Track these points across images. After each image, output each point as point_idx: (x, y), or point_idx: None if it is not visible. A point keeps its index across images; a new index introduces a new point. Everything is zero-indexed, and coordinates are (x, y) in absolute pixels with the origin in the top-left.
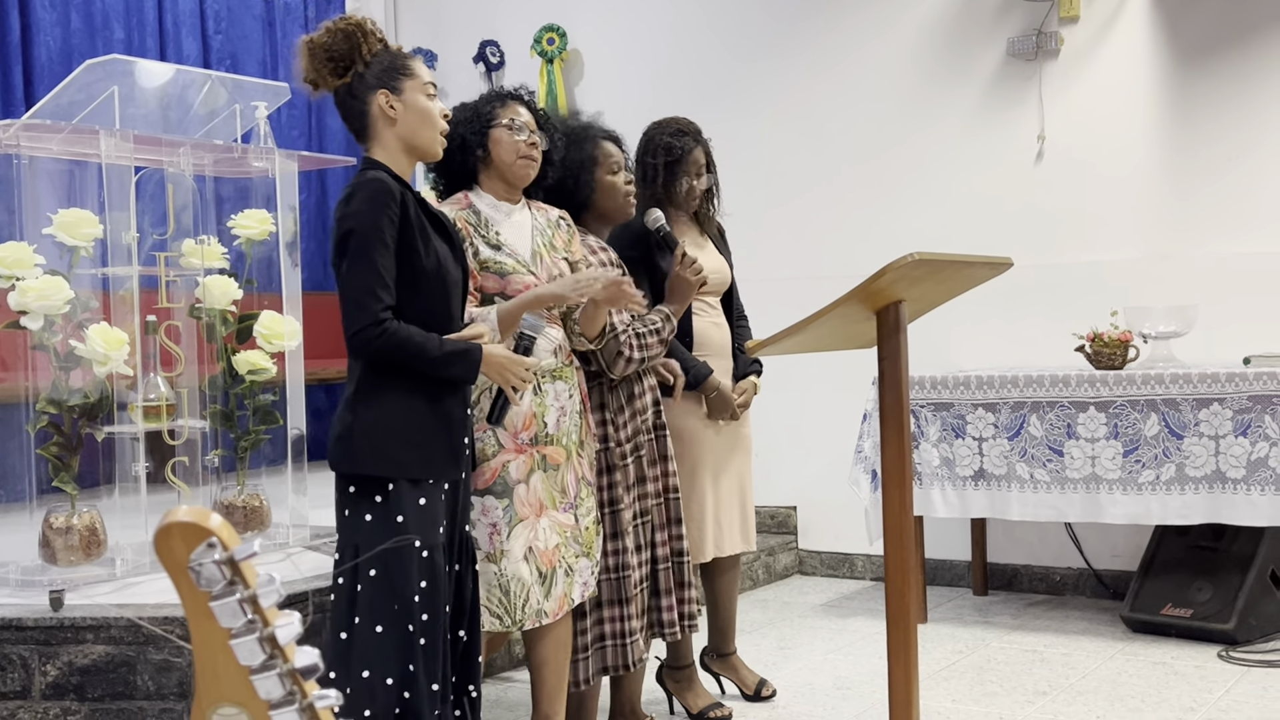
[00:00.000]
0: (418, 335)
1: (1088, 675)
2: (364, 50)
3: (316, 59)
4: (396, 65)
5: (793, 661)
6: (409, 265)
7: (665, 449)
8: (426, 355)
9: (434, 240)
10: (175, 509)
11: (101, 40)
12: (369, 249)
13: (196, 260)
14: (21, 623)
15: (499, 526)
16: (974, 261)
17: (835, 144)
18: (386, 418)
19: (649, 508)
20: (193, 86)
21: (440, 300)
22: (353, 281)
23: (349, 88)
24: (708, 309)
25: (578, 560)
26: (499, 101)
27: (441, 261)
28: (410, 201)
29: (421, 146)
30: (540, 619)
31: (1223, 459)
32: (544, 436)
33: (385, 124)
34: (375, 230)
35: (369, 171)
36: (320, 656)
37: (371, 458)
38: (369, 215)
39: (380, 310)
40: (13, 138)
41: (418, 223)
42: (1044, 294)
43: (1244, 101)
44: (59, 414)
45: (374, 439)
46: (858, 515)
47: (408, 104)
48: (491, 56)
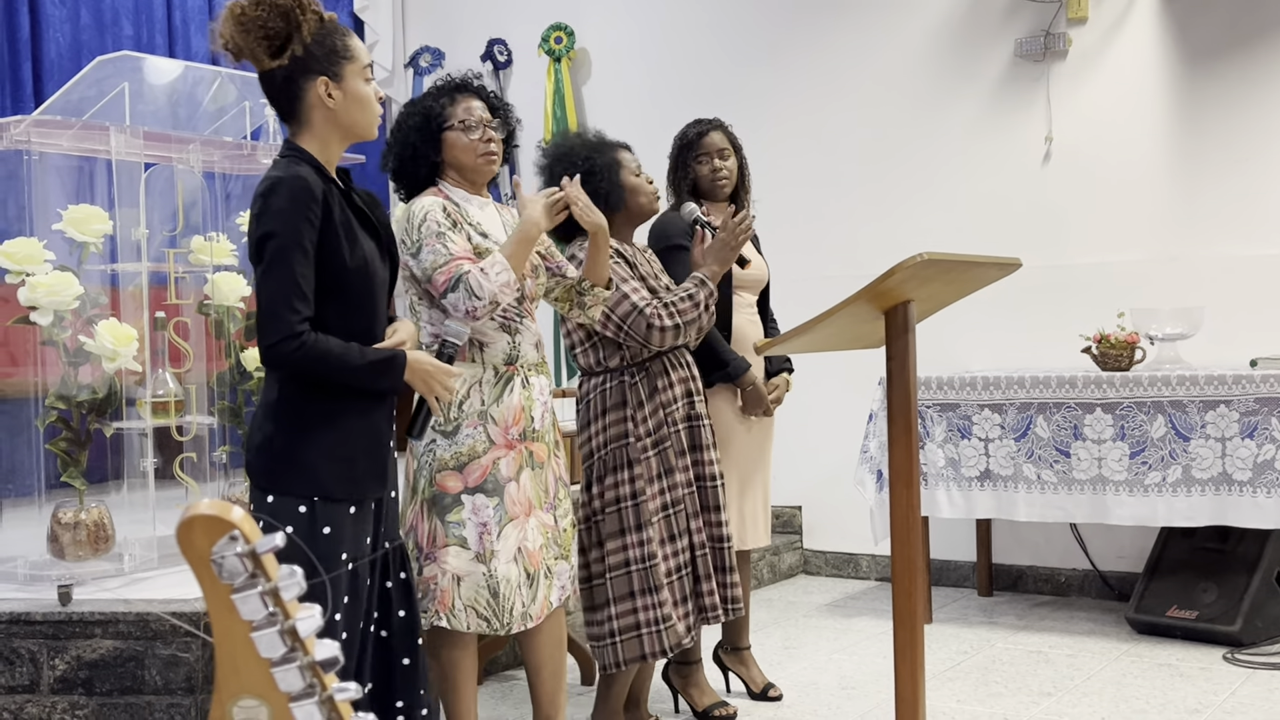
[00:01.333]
0: (337, 347)
1: (1093, 676)
2: (303, 30)
3: (249, 34)
4: (336, 48)
5: (798, 661)
6: (331, 267)
7: (700, 439)
8: (348, 367)
9: (360, 239)
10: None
11: (111, 37)
12: (286, 256)
13: (205, 257)
14: (30, 617)
15: (489, 526)
16: (983, 262)
17: (843, 144)
18: (310, 434)
19: (680, 497)
20: (202, 83)
21: (366, 302)
22: (269, 292)
23: (285, 71)
24: (745, 306)
25: (557, 563)
26: (447, 98)
27: (368, 260)
28: (334, 198)
29: (359, 133)
30: (526, 622)
31: (1229, 461)
32: (531, 432)
33: (322, 113)
34: (294, 235)
35: (290, 163)
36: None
37: (293, 476)
38: (288, 218)
39: (297, 322)
40: (23, 134)
41: (342, 220)
42: (1051, 295)
43: (1252, 104)
44: (68, 409)
45: (297, 455)
46: (863, 515)
47: (347, 92)
48: (499, 55)
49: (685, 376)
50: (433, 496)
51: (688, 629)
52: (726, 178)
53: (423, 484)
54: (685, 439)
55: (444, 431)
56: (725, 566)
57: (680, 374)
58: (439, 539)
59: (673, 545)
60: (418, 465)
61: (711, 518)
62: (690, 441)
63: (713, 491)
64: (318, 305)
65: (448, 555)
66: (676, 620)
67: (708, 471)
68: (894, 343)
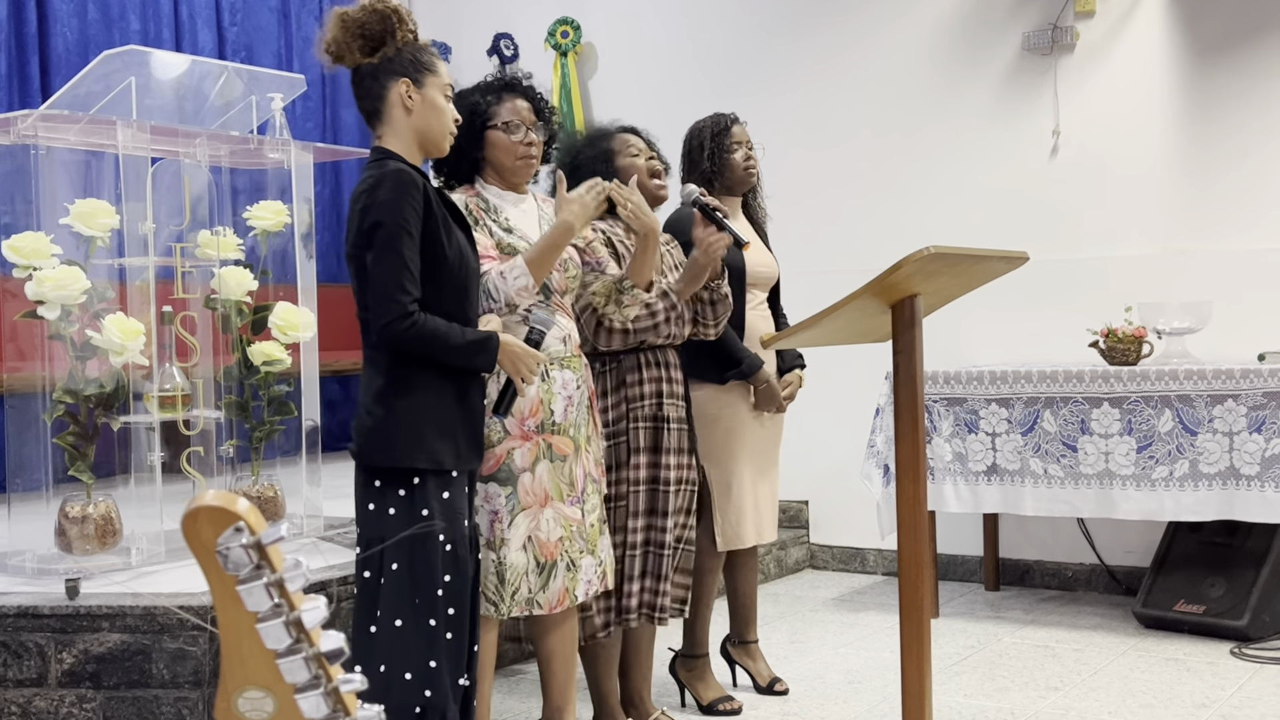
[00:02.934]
0: (443, 326)
1: (1100, 671)
2: (397, 35)
3: (349, 31)
4: (422, 59)
5: (804, 655)
6: (432, 256)
7: (664, 441)
8: (451, 345)
9: (455, 231)
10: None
11: (118, 31)
12: (396, 241)
13: (212, 251)
14: (38, 611)
15: (500, 514)
16: (990, 255)
17: (849, 138)
18: (421, 409)
19: (623, 494)
20: (209, 78)
21: (461, 290)
22: (381, 275)
23: (373, 68)
24: (756, 301)
25: (582, 557)
26: (495, 97)
27: (463, 250)
28: (431, 192)
29: (431, 143)
30: (532, 609)
31: (1237, 455)
32: (550, 425)
33: (401, 113)
34: (402, 222)
35: (389, 162)
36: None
37: (408, 450)
38: (395, 207)
39: (409, 303)
40: (30, 128)
41: (440, 213)
42: (1058, 289)
43: (1260, 97)
44: (75, 404)
45: (409, 431)
46: (870, 510)
47: (426, 99)
48: (505, 49)
49: (659, 376)
50: None
51: (605, 624)
52: (755, 168)
53: None
54: (646, 438)
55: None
56: (659, 573)
57: (654, 372)
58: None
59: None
60: None
61: (656, 521)
62: (652, 442)
63: (664, 496)
64: (422, 295)
65: None
66: (594, 613)
67: (663, 475)
68: (901, 337)
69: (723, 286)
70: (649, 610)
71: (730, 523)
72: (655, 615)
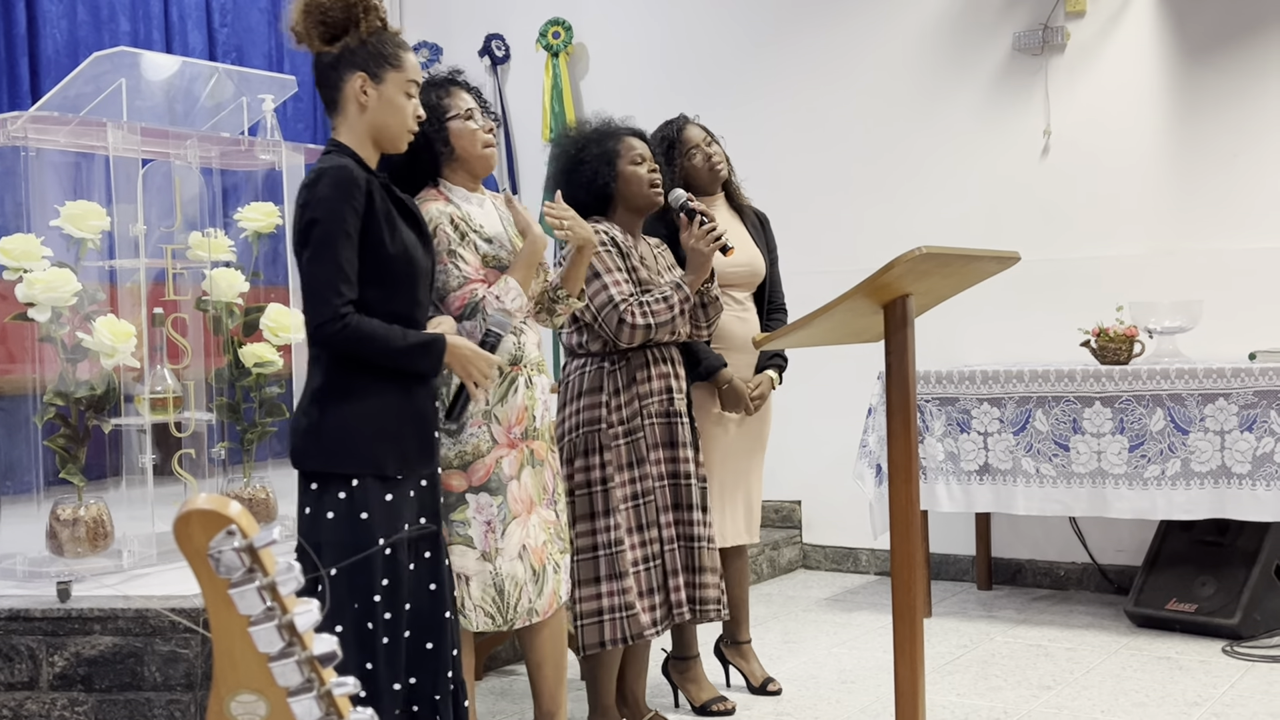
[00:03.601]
0: (380, 328)
1: (1092, 670)
2: (361, 26)
3: (310, 16)
4: (385, 53)
5: (797, 655)
6: (374, 255)
7: (677, 436)
8: (390, 348)
9: (401, 228)
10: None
11: (108, 33)
12: (331, 240)
13: (203, 253)
14: (29, 614)
15: (494, 524)
16: (981, 255)
17: (841, 138)
18: (358, 412)
19: (650, 489)
20: (199, 79)
21: (407, 288)
22: (314, 275)
23: (332, 58)
24: (733, 302)
25: (562, 556)
26: (443, 91)
27: (409, 249)
28: (376, 188)
29: (386, 141)
30: (531, 617)
31: (1228, 454)
32: (532, 431)
33: (356, 108)
34: (338, 220)
35: (334, 156)
36: None
37: (343, 454)
38: (332, 204)
39: (341, 305)
40: (20, 130)
41: (384, 210)
42: (1049, 289)
43: (1250, 97)
44: (66, 406)
45: (345, 434)
46: (862, 510)
47: (383, 95)
48: (497, 50)
49: (667, 372)
50: None
51: (653, 621)
52: (721, 163)
53: None
54: (661, 433)
55: (448, 431)
56: (697, 566)
57: (662, 369)
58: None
59: (640, 535)
60: None
61: (684, 515)
62: (666, 437)
63: (687, 490)
64: (361, 290)
65: (454, 555)
66: (640, 610)
67: (683, 469)
68: (893, 336)
69: (714, 289)
70: (700, 605)
71: None
72: (699, 609)
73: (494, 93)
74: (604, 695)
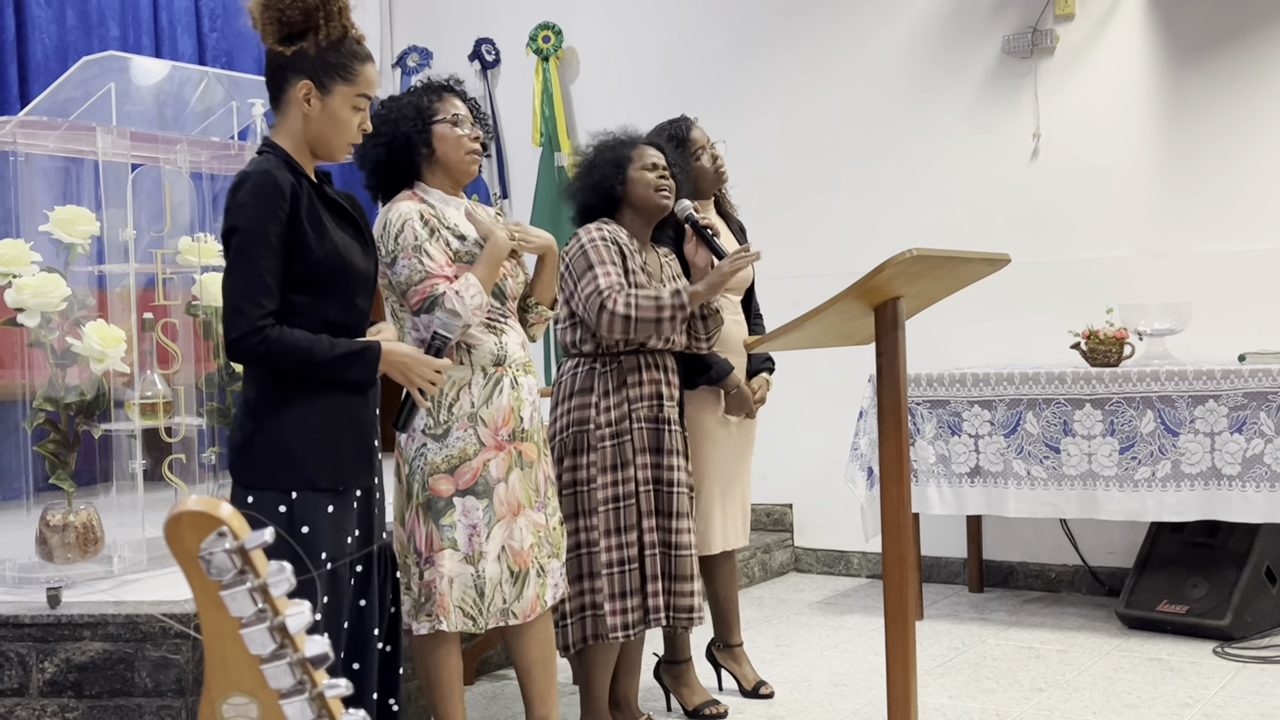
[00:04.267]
0: (303, 339)
1: (1084, 671)
2: (320, 34)
3: (268, 10)
4: (338, 64)
5: (789, 658)
6: (301, 260)
7: (665, 443)
8: (316, 359)
9: (332, 230)
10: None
11: (97, 38)
12: (250, 249)
13: (193, 257)
14: (19, 620)
15: (479, 528)
16: (972, 257)
17: (831, 142)
18: (292, 425)
19: (632, 492)
20: (189, 83)
21: (339, 293)
22: (232, 286)
23: (282, 58)
24: (728, 306)
25: (550, 561)
26: (435, 95)
27: (342, 251)
28: (304, 192)
29: (322, 153)
30: (507, 619)
31: (1218, 455)
32: (520, 432)
33: (297, 114)
34: (258, 228)
35: (263, 159)
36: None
37: (277, 468)
38: (252, 212)
39: (259, 317)
40: (9, 135)
41: (310, 214)
42: (1039, 291)
43: (1239, 99)
44: (56, 411)
45: (280, 447)
46: (854, 512)
47: (326, 108)
48: (487, 54)
49: (659, 379)
50: (427, 500)
51: (625, 625)
52: (724, 167)
53: (416, 488)
54: (649, 439)
55: (434, 435)
56: (676, 574)
57: (654, 374)
58: (435, 543)
59: (618, 537)
60: (409, 469)
61: (666, 522)
62: (653, 443)
63: (669, 497)
64: (291, 298)
65: (443, 559)
66: (608, 612)
67: (667, 476)
68: (884, 339)
69: (714, 302)
70: (679, 612)
71: (698, 530)
72: (674, 616)
73: (484, 97)
74: (596, 699)
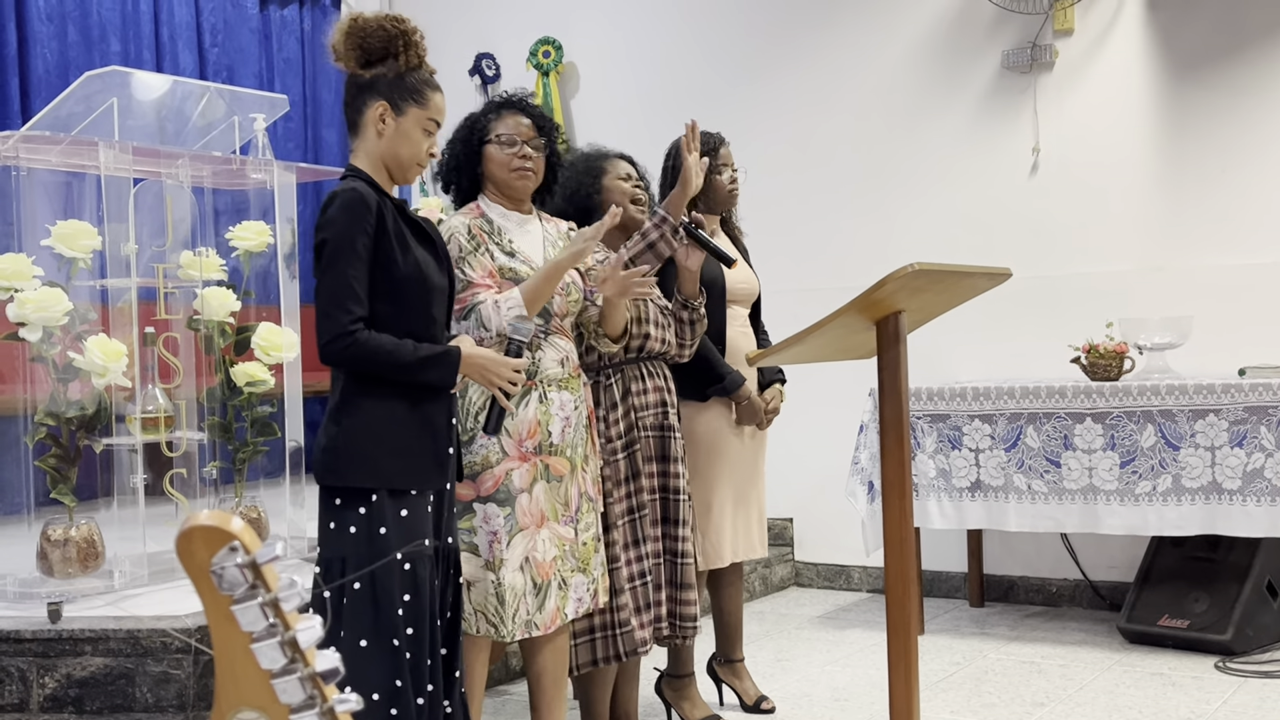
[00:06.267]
0: (389, 343)
1: (1085, 686)
2: (399, 59)
3: (351, 39)
4: (413, 88)
5: (790, 673)
6: (387, 274)
7: (669, 450)
8: (400, 361)
9: (414, 248)
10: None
11: (98, 53)
12: (340, 260)
13: (195, 272)
14: (19, 635)
15: (499, 535)
16: (973, 272)
17: (830, 157)
18: (369, 427)
19: (644, 503)
20: (191, 98)
21: (421, 307)
22: (324, 293)
23: (363, 81)
24: (737, 318)
25: (573, 575)
26: (494, 114)
27: (422, 267)
28: (388, 209)
29: (396, 170)
30: (530, 630)
31: (1219, 470)
32: (548, 446)
33: (373, 134)
34: (348, 240)
35: (348, 180)
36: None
37: (355, 469)
38: (342, 226)
39: (349, 321)
40: (11, 150)
41: (395, 231)
42: (1039, 306)
43: (1238, 113)
44: (57, 426)
45: (357, 449)
46: (854, 527)
47: (400, 128)
48: (487, 69)
49: (660, 386)
50: None
51: (644, 639)
52: (738, 190)
53: None
54: (655, 447)
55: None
56: (680, 582)
57: (655, 382)
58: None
59: (635, 550)
60: None
61: (671, 530)
62: (659, 451)
63: (674, 504)
64: (375, 308)
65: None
66: (635, 627)
67: (672, 484)
68: (885, 353)
69: (701, 307)
70: (680, 621)
71: (710, 541)
72: (678, 625)
73: None
74: (597, 715)
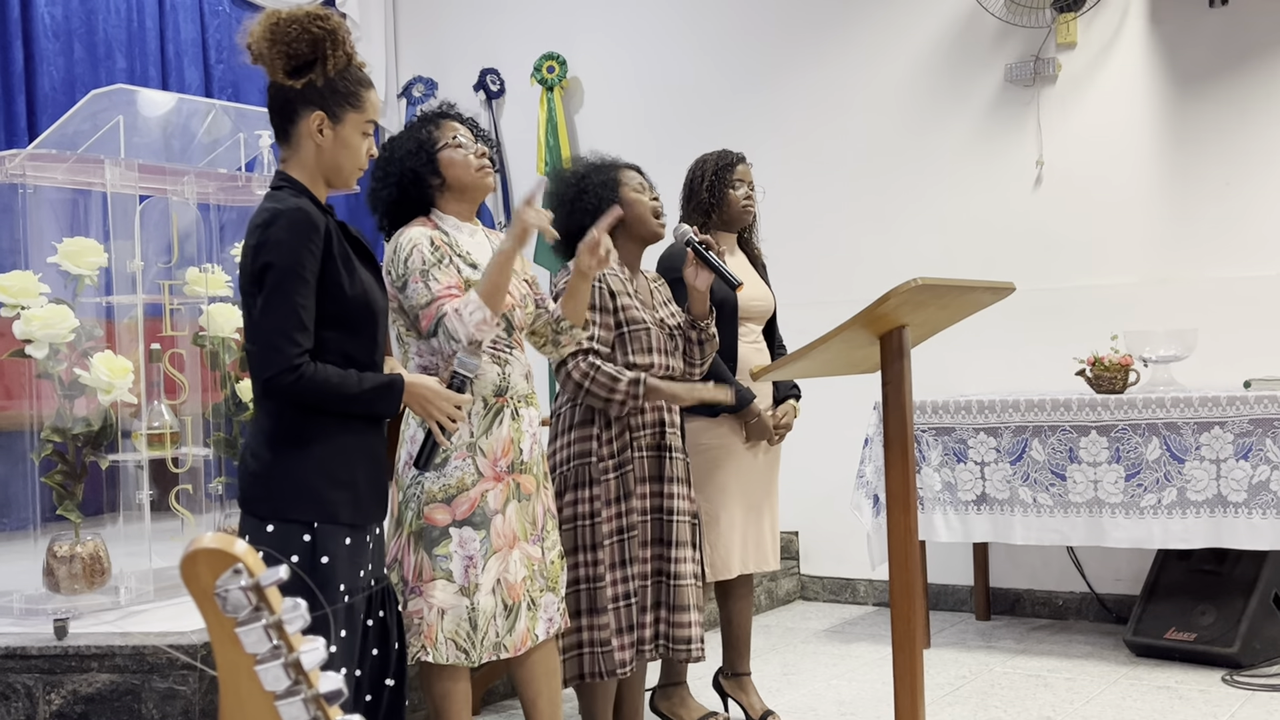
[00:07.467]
0: (335, 375)
1: (1092, 700)
2: (328, 64)
3: (275, 45)
4: (347, 92)
5: (796, 687)
6: (333, 299)
7: (666, 470)
8: (347, 394)
9: (359, 269)
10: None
11: (104, 70)
12: (287, 286)
13: (200, 288)
14: (26, 651)
15: (475, 559)
16: (977, 286)
17: (834, 171)
18: (313, 459)
19: (634, 524)
20: (196, 115)
21: (366, 330)
22: (268, 322)
23: (292, 91)
24: (751, 334)
25: (542, 595)
26: (433, 125)
27: (368, 290)
28: (333, 230)
29: (336, 182)
30: (499, 652)
31: (1224, 482)
32: (519, 464)
33: (311, 146)
34: (295, 265)
35: (287, 194)
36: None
37: (298, 501)
38: (288, 249)
39: (296, 355)
40: (18, 167)
41: (341, 252)
42: (1044, 318)
43: (1241, 126)
44: (63, 442)
45: (301, 481)
46: (860, 540)
47: (339, 136)
48: (492, 85)
49: (660, 406)
50: (420, 529)
51: (625, 661)
52: (753, 208)
53: (410, 516)
54: (650, 467)
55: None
56: (673, 604)
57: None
58: (425, 572)
59: (621, 571)
60: (404, 497)
61: (666, 551)
62: (655, 471)
63: (669, 525)
64: (320, 333)
65: (434, 589)
66: (615, 648)
67: (668, 505)
68: (889, 367)
69: (710, 327)
70: (673, 643)
71: (719, 553)
72: (671, 647)
73: (489, 126)
74: None
